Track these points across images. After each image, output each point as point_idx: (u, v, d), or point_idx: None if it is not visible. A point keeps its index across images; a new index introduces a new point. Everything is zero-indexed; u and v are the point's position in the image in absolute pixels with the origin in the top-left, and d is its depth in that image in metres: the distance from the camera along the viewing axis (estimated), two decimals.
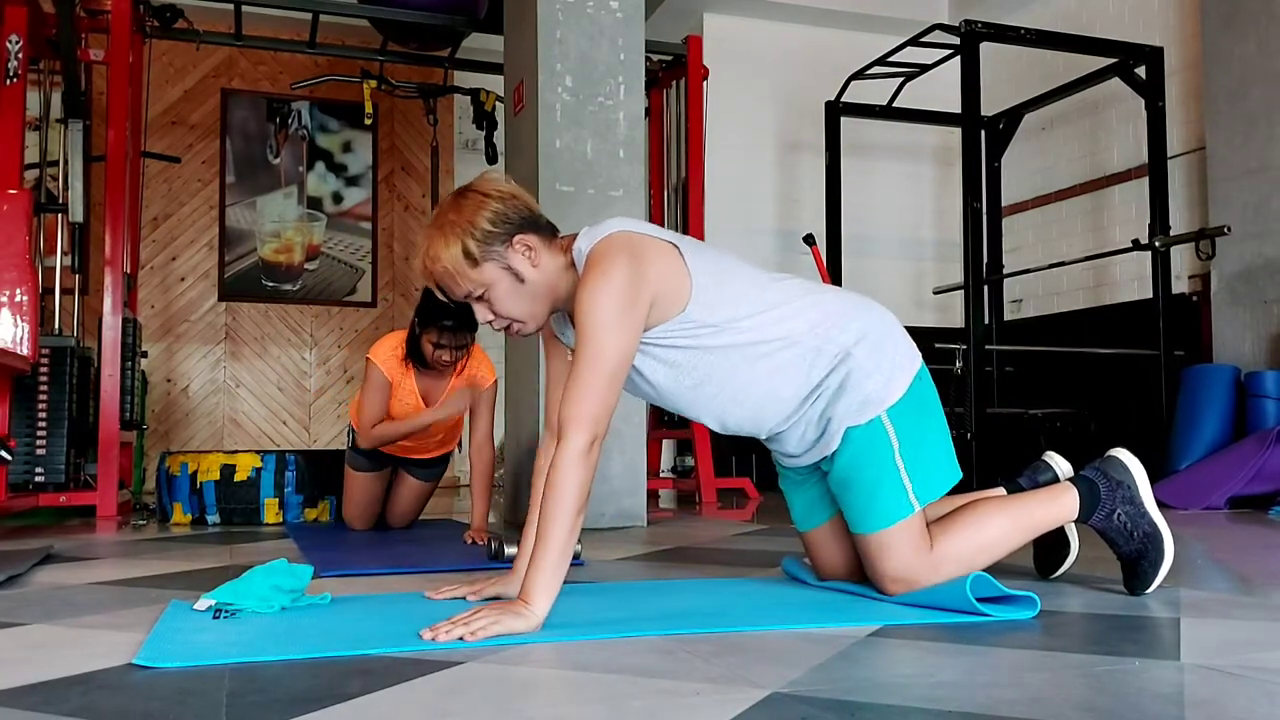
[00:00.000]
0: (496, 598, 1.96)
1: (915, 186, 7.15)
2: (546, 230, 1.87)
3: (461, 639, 1.54)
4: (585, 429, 1.68)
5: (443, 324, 3.25)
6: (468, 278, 1.81)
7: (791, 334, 1.88)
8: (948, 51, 5.66)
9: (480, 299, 1.84)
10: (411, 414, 3.48)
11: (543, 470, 2.02)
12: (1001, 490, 2.17)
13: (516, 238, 1.81)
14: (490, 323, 1.87)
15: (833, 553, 2.07)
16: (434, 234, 1.82)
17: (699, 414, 1.97)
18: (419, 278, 1.88)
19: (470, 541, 3.12)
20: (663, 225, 5.72)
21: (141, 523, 4.01)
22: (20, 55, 4.19)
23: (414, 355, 3.38)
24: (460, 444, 3.87)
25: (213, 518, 3.99)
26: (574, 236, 1.87)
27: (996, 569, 2.00)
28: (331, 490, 4.07)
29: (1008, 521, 1.94)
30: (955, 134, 6.23)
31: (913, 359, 1.96)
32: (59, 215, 4.65)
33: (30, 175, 4.77)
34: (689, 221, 5.33)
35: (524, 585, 1.65)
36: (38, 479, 4.06)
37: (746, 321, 1.87)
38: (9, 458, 3.09)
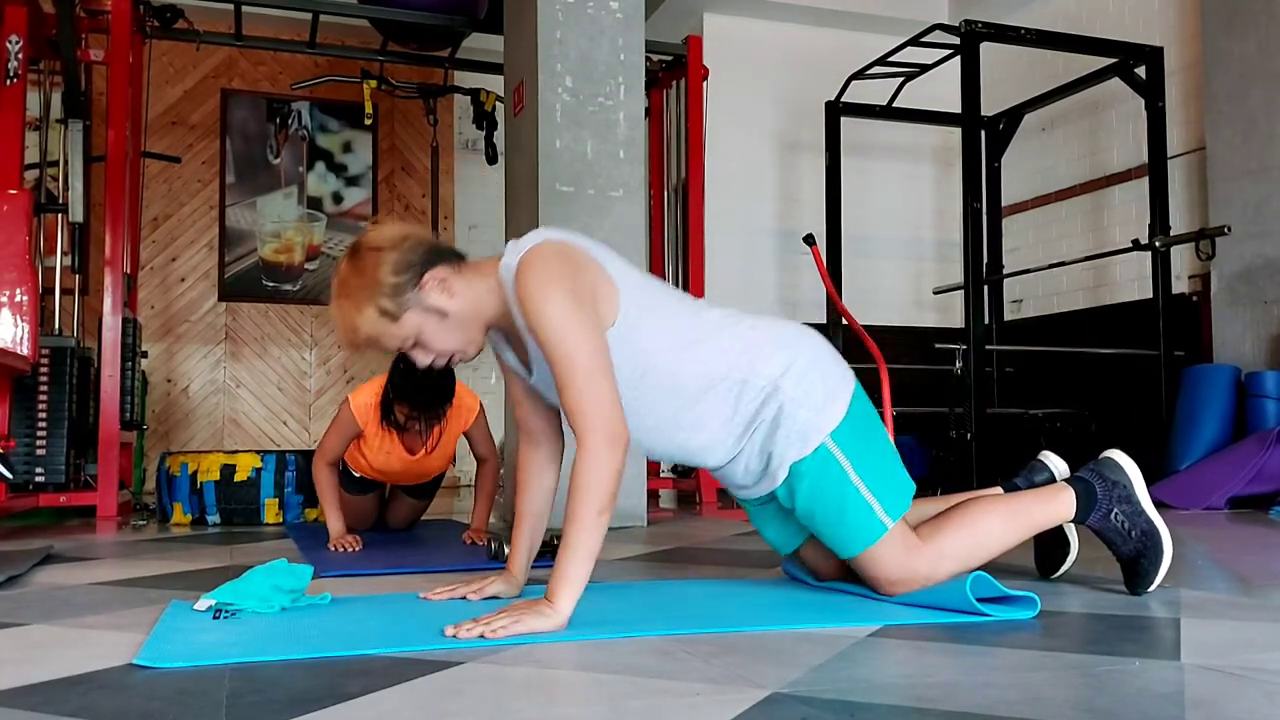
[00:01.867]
0: (495, 598, 1.96)
1: (915, 186, 7.14)
2: (452, 257, 1.84)
3: (483, 637, 1.54)
4: (594, 430, 1.68)
5: (416, 399, 3.11)
6: (393, 334, 1.79)
7: (714, 370, 1.85)
8: (948, 51, 5.66)
9: (414, 346, 1.82)
10: (394, 463, 3.36)
11: (522, 472, 2.05)
12: (998, 490, 2.17)
13: (425, 277, 1.78)
14: (432, 362, 1.85)
15: (824, 560, 2.07)
16: (344, 304, 1.78)
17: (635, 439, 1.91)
18: (344, 348, 1.86)
19: (469, 542, 3.12)
20: (663, 225, 5.72)
21: (141, 523, 4.01)
22: (20, 55, 4.19)
23: (389, 419, 3.20)
24: (455, 458, 3.78)
25: (213, 518, 3.98)
26: (499, 257, 1.85)
27: (996, 569, 2.00)
28: None
29: (1004, 520, 1.94)
30: (955, 134, 6.23)
31: (845, 381, 1.94)
32: (59, 215, 4.65)
33: (30, 175, 4.77)
34: (689, 221, 5.33)
35: (549, 586, 1.66)
36: (38, 479, 4.06)
37: (668, 353, 1.85)
38: (10, 476, 3.08)
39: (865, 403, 1.95)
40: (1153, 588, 1.95)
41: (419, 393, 3.10)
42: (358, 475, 3.46)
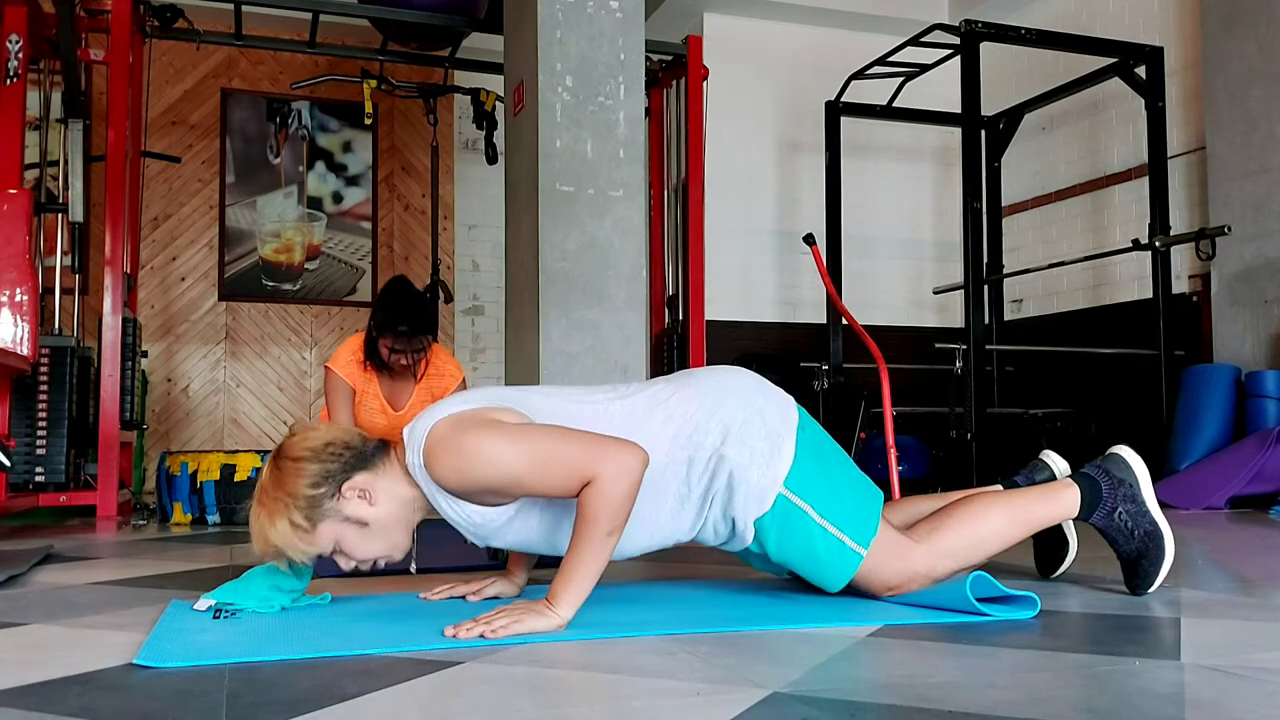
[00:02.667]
0: (495, 598, 1.96)
1: (915, 186, 7.14)
2: (376, 458, 1.77)
3: (483, 636, 1.54)
4: (599, 468, 1.64)
5: (397, 329, 3.22)
6: (308, 545, 1.73)
7: (657, 460, 1.79)
8: (948, 51, 5.66)
9: (334, 553, 1.76)
10: (378, 420, 3.41)
11: None
12: (998, 487, 2.16)
13: (344, 487, 1.72)
14: (357, 566, 1.79)
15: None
16: (260, 513, 1.73)
17: None
18: (262, 557, 1.77)
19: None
20: (663, 225, 5.72)
21: (141, 523, 4.01)
22: (20, 55, 4.19)
23: (373, 358, 3.32)
24: None
25: (213, 518, 3.98)
26: (402, 447, 1.77)
27: (996, 569, 2.00)
28: None
29: (1006, 516, 1.93)
30: (955, 134, 6.23)
31: (786, 420, 1.89)
32: (59, 215, 4.65)
33: (30, 175, 4.77)
34: (689, 221, 5.33)
35: (551, 589, 1.66)
36: (38, 479, 4.06)
37: None
38: (8, 464, 3.09)
39: (812, 430, 1.92)
40: (1153, 589, 1.95)
41: (399, 321, 3.15)
42: None
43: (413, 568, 2.41)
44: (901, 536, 1.88)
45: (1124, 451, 2.01)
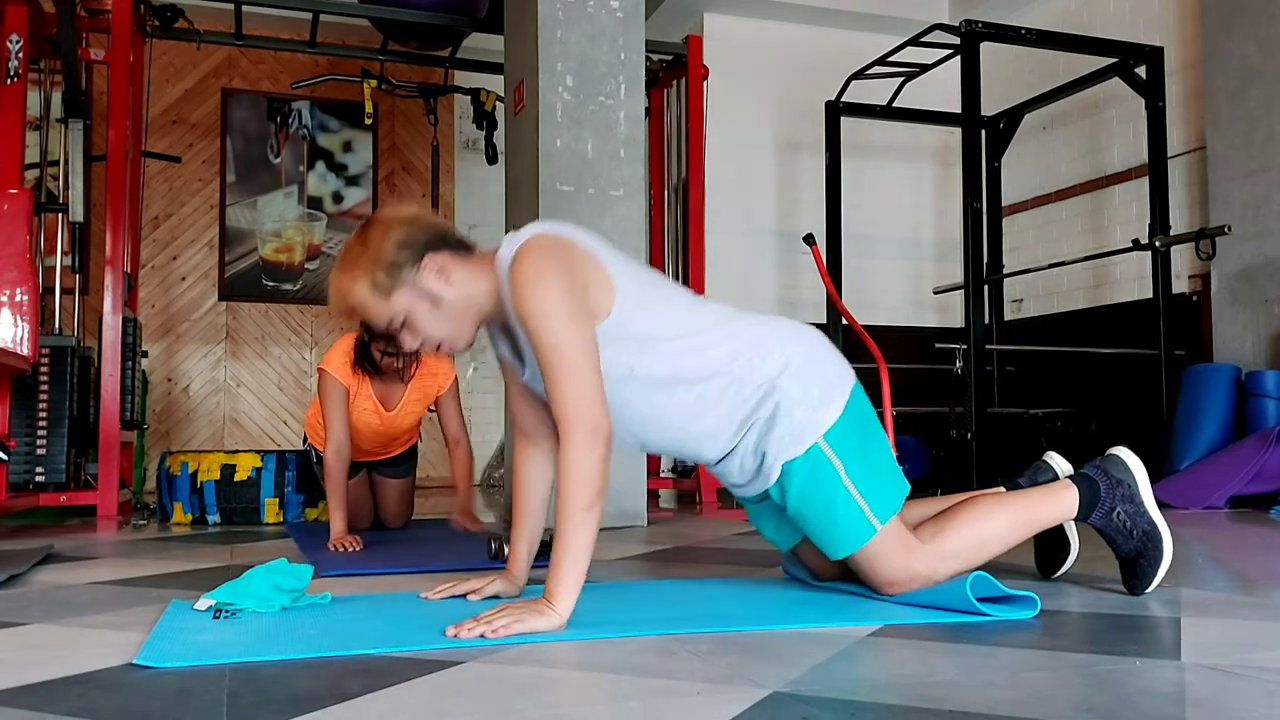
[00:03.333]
0: (496, 597, 1.96)
1: (915, 186, 7.14)
2: (458, 246, 1.84)
3: (483, 636, 1.54)
4: (579, 424, 1.68)
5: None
6: (382, 309, 1.78)
7: (711, 364, 1.84)
8: (948, 51, 5.66)
9: (402, 326, 1.81)
10: (372, 421, 3.41)
11: (519, 471, 2.04)
12: (1001, 489, 2.17)
13: (425, 259, 1.78)
14: (419, 348, 1.85)
15: (823, 559, 2.07)
16: (341, 271, 1.79)
17: (628, 434, 1.91)
18: (334, 315, 1.87)
19: (459, 527, 3.12)
20: (663, 225, 5.72)
21: (142, 522, 4.01)
22: (20, 55, 4.19)
23: (364, 361, 3.30)
24: (420, 435, 3.83)
25: (213, 517, 3.99)
26: (496, 250, 1.85)
27: (997, 569, 2.00)
28: None
29: (1007, 518, 1.93)
30: (955, 134, 6.23)
31: (843, 380, 1.92)
32: (59, 215, 4.65)
33: (30, 175, 4.77)
34: (689, 221, 5.33)
35: (546, 586, 1.66)
36: (38, 479, 4.06)
37: (664, 346, 1.83)
38: (5, 457, 3.08)
39: (863, 402, 1.94)
40: (1151, 588, 1.95)
41: None
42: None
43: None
44: (910, 533, 1.88)
45: (1123, 453, 2.01)
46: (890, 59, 5.87)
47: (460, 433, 3.40)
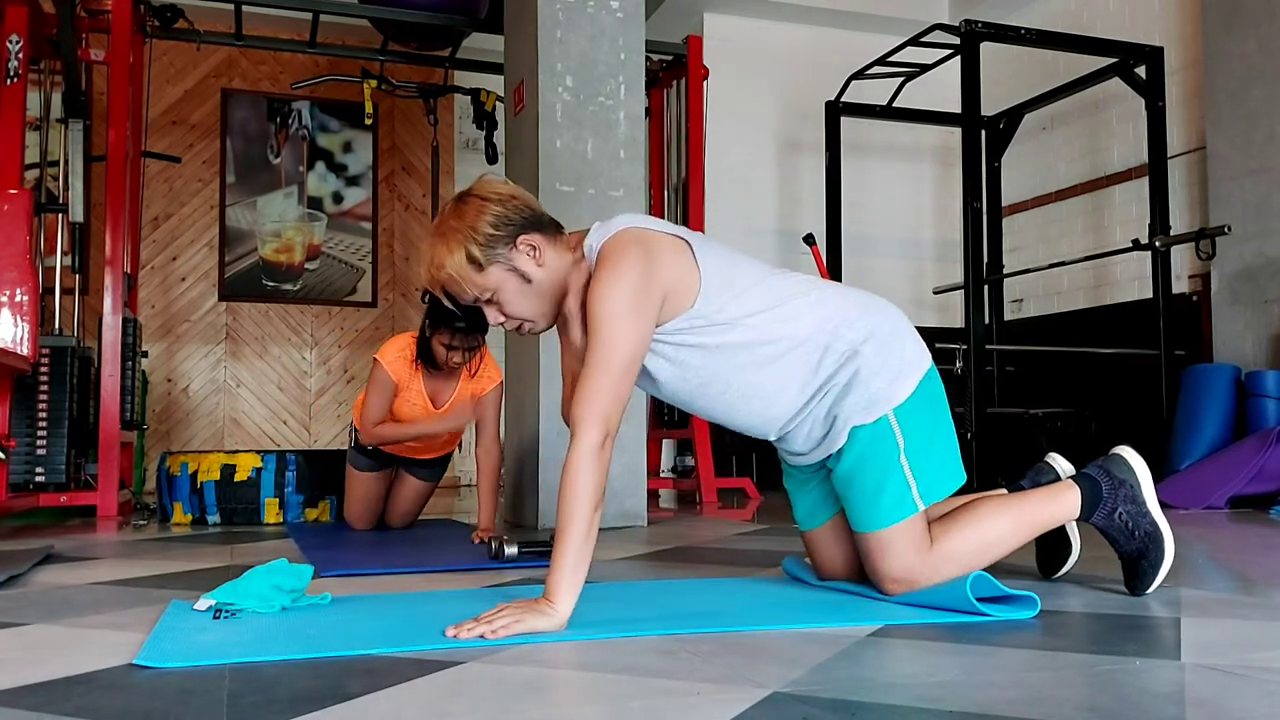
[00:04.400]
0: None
1: (915, 186, 7.14)
2: (550, 228, 1.87)
3: (483, 637, 1.54)
4: (596, 426, 1.69)
5: (455, 325, 3.25)
6: (474, 283, 1.81)
7: (798, 333, 1.88)
8: (948, 51, 5.66)
9: (489, 302, 1.84)
10: (420, 416, 3.48)
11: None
12: (1003, 491, 2.16)
13: (520, 239, 1.81)
14: (502, 324, 1.88)
15: (834, 553, 2.07)
16: (437, 241, 1.82)
17: (706, 411, 1.97)
18: (426, 284, 1.87)
19: (478, 541, 3.12)
20: None
21: (142, 523, 4.01)
22: (20, 55, 4.19)
23: (424, 357, 3.38)
24: (460, 444, 3.88)
25: (213, 518, 3.98)
26: (584, 233, 1.88)
27: (997, 569, 2.00)
28: (332, 490, 4.07)
29: (1009, 521, 1.93)
30: (955, 134, 6.23)
31: (921, 358, 1.95)
32: (59, 215, 4.65)
33: (30, 175, 4.77)
34: (689, 221, 5.32)
35: (547, 585, 1.66)
36: (38, 479, 4.06)
37: (752, 319, 1.87)
38: (2, 456, 3.07)
39: (937, 385, 1.96)
40: (1152, 589, 1.95)
41: (458, 316, 3.20)
42: (370, 448, 3.58)
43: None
44: (927, 532, 1.88)
45: (1126, 452, 2.01)
46: (890, 59, 5.87)
47: (494, 439, 3.42)
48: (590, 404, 1.70)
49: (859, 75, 6.04)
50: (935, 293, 6.77)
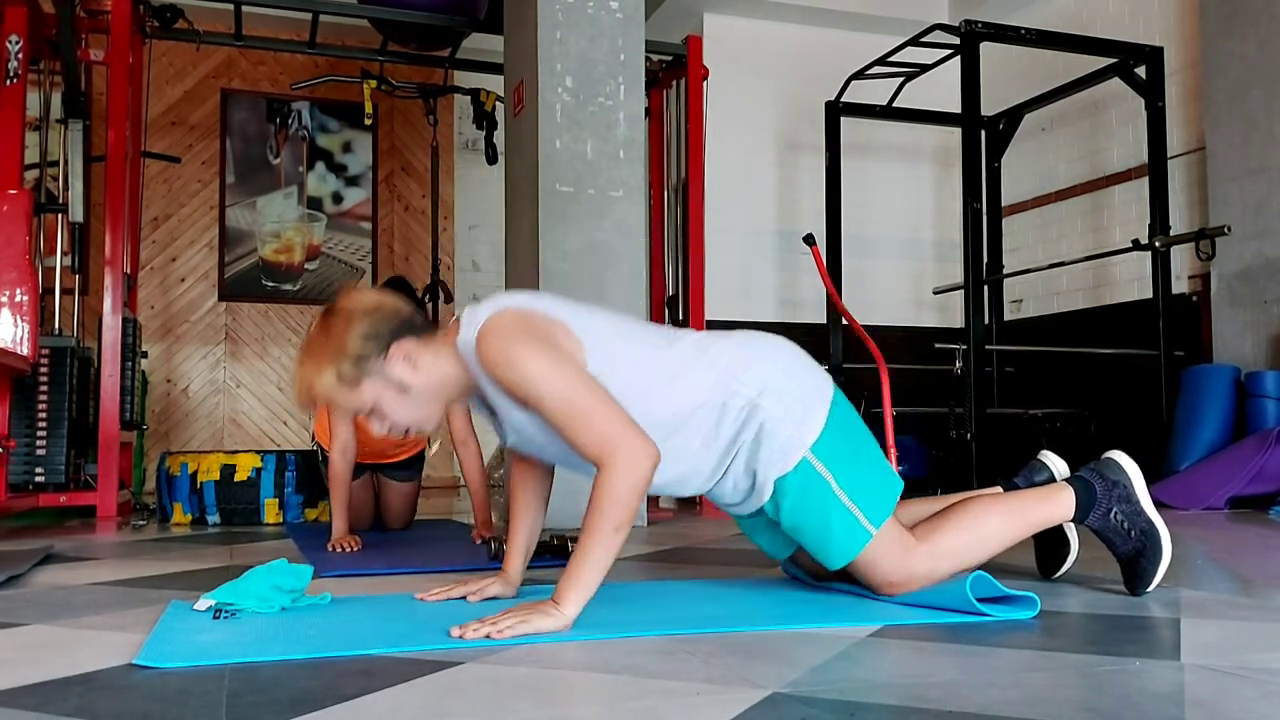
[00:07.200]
0: (495, 599, 1.97)
1: (915, 186, 7.14)
2: (423, 329, 1.82)
3: (489, 637, 1.54)
4: (616, 453, 1.65)
5: None
6: (349, 399, 1.77)
7: (695, 398, 1.84)
8: (948, 51, 5.66)
9: (370, 414, 1.81)
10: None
11: (515, 479, 2.05)
12: (998, 489, 2.17)
13: (391, 348, 1.76)
14: (388, 433, 1.84)
15: (818, 565, 2.07)
16: (306, 362, 1.77)
17: None
18: (301, 406, 1.83)
19: (479, 540, 3.12)
20: (663, 225, 5.72)
21: (141, 523, 4.01)
22: (20, 55, 4.19)
23: None
24: (430, 441, 3.83)
25: (213, 518, 3.99)
26: (458, 324, 1.81)
27: (996, 569, 2.00)
28: None
29: (1003, 518, 1.94)
30: (955, 134, 6.23)
31: (823, 388, 1.93)
32: (59, 215, 4.65)
33: (30, 175, 4.77)
34: (689, 221, 5.32)
35: (557, 588, 1.66)
36: (38, 479, 4.06)
37: (646, 392, 1.81)
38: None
39: (845, 408, 1.95)
40: (1151, 588, 1.95)
41: None
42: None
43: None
44: (907, 533, 1.88)
45: (1117, 455, 2.03)
46: (890, 59, 5.87)
47: (467, 433, 3.39)
48: (596, 449, 1.66)
49: (859, 75, 6.04)
50: (935, 293, 6.77)
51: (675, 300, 5.59)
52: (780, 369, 1.91)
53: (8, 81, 4.17)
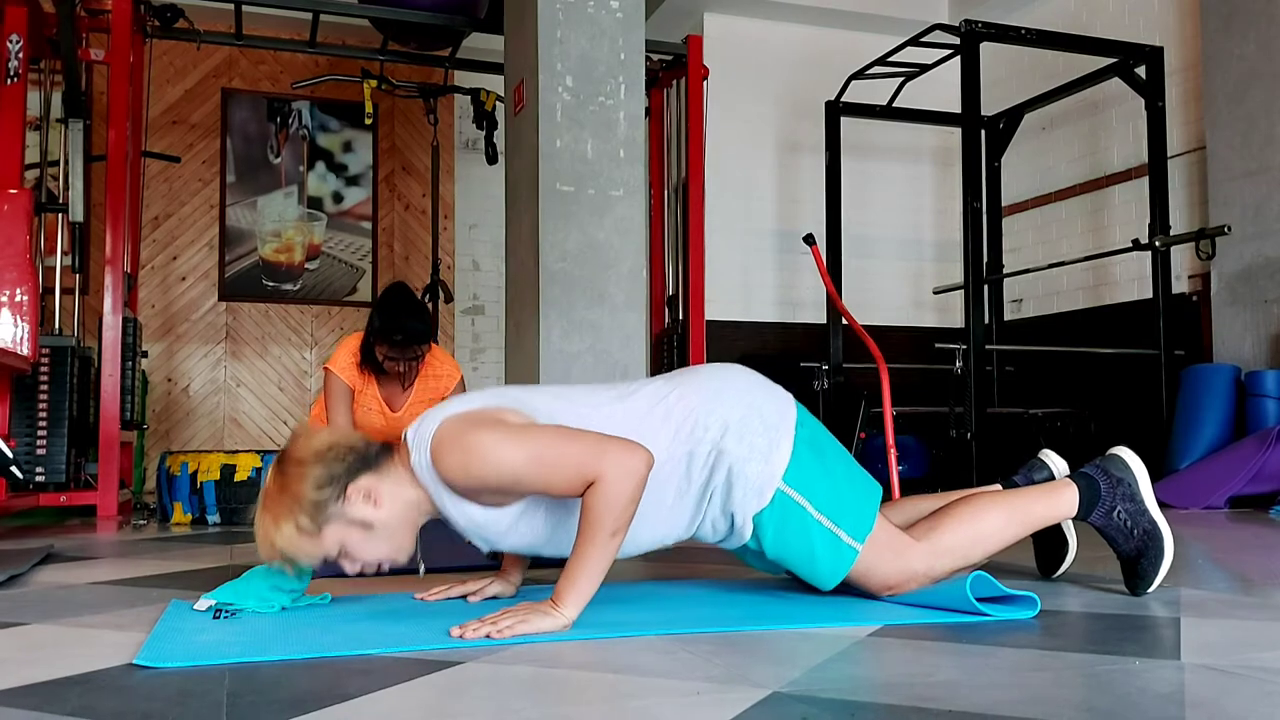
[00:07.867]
0: (495, 598, 1.97)
1: (915, 186, 7.14)
2: (380, 460, 1.77)
3: (489, 637, 1.55)
4: (605, 472, 1.65)
5: (393, 338, 3.22)
6: (314, 548, 1.72)
7: (658, 454, 1.79)
8: (948, 51, 5.66)
9: (340, 557, 1.75)
10: (376, 422, 3.42)
11: None
12: (998, 487, 2.16)
13: (349, 489, 1.71)
14: (361, 573, 1.79)
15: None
16: (265, 517, 1.71)
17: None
18: (267, 560, 1.76)
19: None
20: (663, 225, 5.73)
21: (142, 523, 4.01)
22: (21, 55, 4.19)
23: (369, 362, 3.32)
24: None
25: (213, 517, 3.99)
26: (406, 446, 1.77)
27: (996, 569, 2.00)
28: None
29: (1004, 515, 1.93)
30: (955, 134, 6.23)
31: (784, 415, 1.89)
32: (59, 215, 4.65)
33: (30, 175, 4.77)
34: (689, 221, 5.33)
35: (556, 590, 1.66)
36: (38, 479, 4.06)
37: None
38: (20, 476, 3.06)
39: (810, 426, 1.93)
40: (1152, 588, 1.95)
41: (395, 330, 3.16)
42: None
43: (420, 569, 2.40)
44: (900, 534, 1.88)
45: (1123, 452, 2.01)
46: (890, 59, 5.87)
47: None
48: (583, 479, 1.65)
49: (859, 75, 6.04)
50: (935, 293, 6.77)
51: (675, 300, 5.59)
52: (738, 405, 1.87)
53: (8, 81, 4.17)
